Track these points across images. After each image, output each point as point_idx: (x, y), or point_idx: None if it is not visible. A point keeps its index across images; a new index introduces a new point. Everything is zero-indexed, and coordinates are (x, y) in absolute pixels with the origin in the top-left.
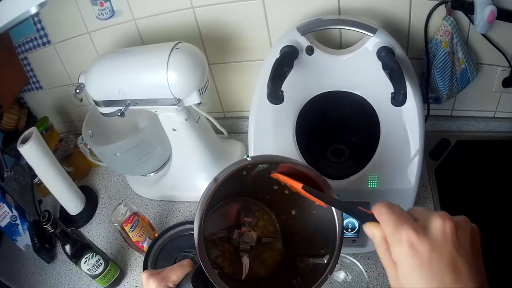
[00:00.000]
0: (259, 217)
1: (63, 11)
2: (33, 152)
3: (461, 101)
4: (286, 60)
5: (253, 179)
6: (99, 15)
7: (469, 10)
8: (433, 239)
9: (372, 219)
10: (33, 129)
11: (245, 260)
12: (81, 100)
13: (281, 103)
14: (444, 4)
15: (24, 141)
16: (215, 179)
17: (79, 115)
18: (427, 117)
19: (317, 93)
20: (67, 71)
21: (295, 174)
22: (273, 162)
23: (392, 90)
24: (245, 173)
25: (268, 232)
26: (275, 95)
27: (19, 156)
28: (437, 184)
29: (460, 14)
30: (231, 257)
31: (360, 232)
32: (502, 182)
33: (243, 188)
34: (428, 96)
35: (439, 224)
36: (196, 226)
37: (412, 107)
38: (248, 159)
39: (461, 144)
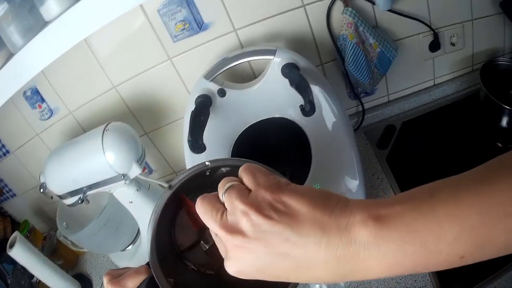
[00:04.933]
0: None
1: (11, 121)
2: (22, 254)
3: (394, 83)
4: (201, 109)
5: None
6: (41, 116)
7: None
8: (246, 232)
9: None
10: (16, 233)
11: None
12: (52, 197)
13: (203, 151)
14: None
15: (11, 246)
16: (170, 186)
17: (55, 211)
18: (363, 113)
19: (244, 128)
20: (32, 174)
21: None
22: (234, 166)
23: None
24: (208, 174)
25: None
26: (197, 145)
27: (15, 261)
28: (392, 172)
29: (359, 1)
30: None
31: None
32: (456, 146)
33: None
34: (355, 92)
35: (241, 220)
36: (149, 234)
37: (330, 111)
38: (207, 163)
39: (407, 124)
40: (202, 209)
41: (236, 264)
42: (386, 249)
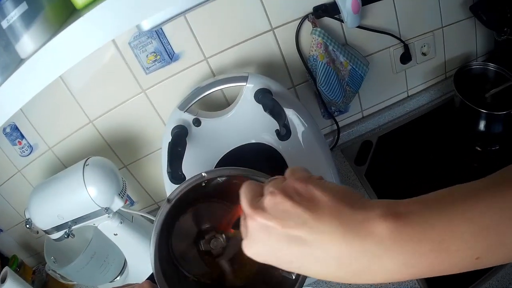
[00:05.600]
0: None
1: None
2: None
3: (367, 99)
4: (178, 140)
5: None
6: (21, 153)
7: (334, 11)
8: (260, 240)
9: None
10: (6, 269)
11: (224, 263)
12: (37, 232)
13: (183, 181)
14: (306, 19)
15: (3, 281)
16: (168, 200)
17: (42, 245)
18: (338, 131)
19: (221, 156)
20: (16, 210)
21: None
22: (230, 176)
23: None
24: (203, 184)
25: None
26: (177, 176)
27: None
28: (372, 188)
29: (327, 20)
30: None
31: None
32: (435, 155)
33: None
34: (329, 111)
35: (252, 227)
36: (152, 249)
37: (306, 133)
38: (204, 174)
39: (383, 139)
40: (243, 189)
41: (253, 245)
42: (403, 246)
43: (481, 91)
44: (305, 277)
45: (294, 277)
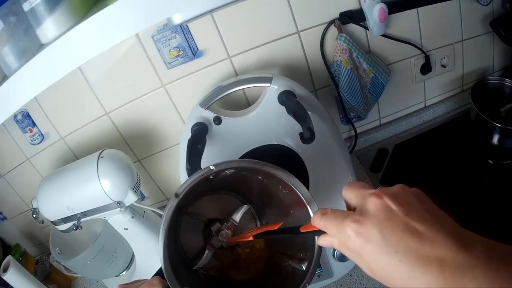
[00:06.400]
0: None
1: (1, 144)
2: (16, 279)
3: (385, 107)
4: (198, 137)
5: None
6: (32, 141)
7: (360, 18)
8: (376, 218)
9: (319, 232)
10: (9, 258)
11: (207, 254)
12: (43, 222)
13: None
14: (332, 24)
15: (5, 270)
16: (176, 195)
17: (46, 235)
18: (356, 137)
19: (240, 155)
20: (22, 198)
21: None
22: (239, 168)
23: None
24: (211, 177)
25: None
26: None
27: (7, 284)
28: None
29: (352, 27)
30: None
31: (321, 265)
32: (448, 166)
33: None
34: (348, 117)
35: (375, 202)
36: (160, 244)
37: (327, 137)
38: (212, 167)
39: (399, 147)
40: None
41: (367, 222)
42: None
43: (496, 106)
44: (315, 268)
45: (304, 268)
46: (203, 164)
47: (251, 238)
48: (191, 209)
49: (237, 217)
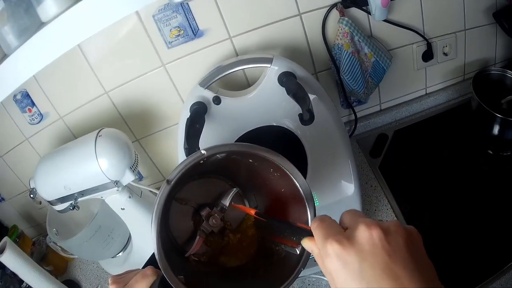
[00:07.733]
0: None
1: (0, 125)
2: (12, 260)
3: (386, 92)
4: (197, 117)
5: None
6: (31, 120)
7: (362, 2)
8: (360, 248)
9: (310, 234)
10: (6, 239)
11: (198, 239)
12: (40, 202)
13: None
14: (334, 7)
15: (1, 251)
16: (168, 181)
17: (44, 216)
18: (356, 121)
19: (239, 136)
20: (20, 179)
21: None
22: (230, 152)
23: None
24: (202, 162)
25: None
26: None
27: (4, 266)
28: (385, 180)
29: (354, 11)
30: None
31: None
32: (448, 154)
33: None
34: (348, 101)
35: (364, 233)
36: (153, 232)
37: (327, 120)
38: (203, 152)
39: (399, 133)
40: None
41: (351, 251)
42: None
43: (497, 97)
44: (309, 253)
45: (298, 252)
46: (201, 144)
47: (252, 213)
48: (180, 194)
49: (227, 201)
